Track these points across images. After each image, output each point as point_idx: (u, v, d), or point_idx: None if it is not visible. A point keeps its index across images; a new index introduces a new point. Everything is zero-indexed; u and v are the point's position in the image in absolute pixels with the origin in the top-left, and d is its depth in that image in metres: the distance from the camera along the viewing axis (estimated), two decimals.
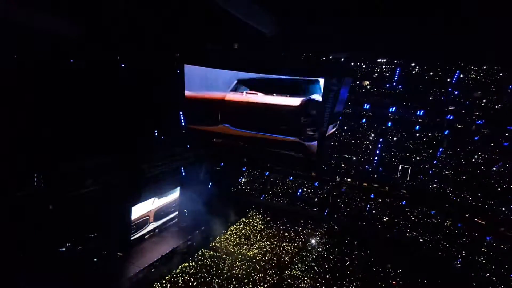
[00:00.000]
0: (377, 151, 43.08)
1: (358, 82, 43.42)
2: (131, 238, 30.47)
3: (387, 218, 38.85)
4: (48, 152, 26.45)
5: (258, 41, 24.53)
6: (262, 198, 44.53)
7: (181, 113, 36.35)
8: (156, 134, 41.18)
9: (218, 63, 22.74)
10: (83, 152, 28.36)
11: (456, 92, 38.67)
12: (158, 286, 25.13)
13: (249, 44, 26.38)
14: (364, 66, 42.88)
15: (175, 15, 21.53)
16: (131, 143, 33.08)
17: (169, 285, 25.34)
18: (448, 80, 38.79)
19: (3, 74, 25.30)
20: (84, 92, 30.30)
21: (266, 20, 18.34)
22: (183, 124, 36.45)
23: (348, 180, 43.53)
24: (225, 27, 22.32)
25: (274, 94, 22.19)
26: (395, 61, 40.98)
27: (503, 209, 32.14)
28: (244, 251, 31.78)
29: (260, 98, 22.56)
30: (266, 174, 47.14)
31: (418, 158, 41.05)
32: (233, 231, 35.86)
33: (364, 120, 44.58)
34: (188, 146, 40.27)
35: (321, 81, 21.12)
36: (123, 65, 35.53)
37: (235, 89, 22.87)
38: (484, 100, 37.35)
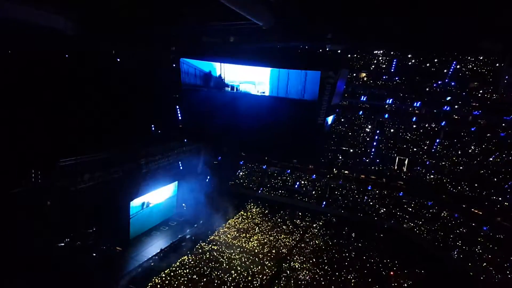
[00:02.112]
0: (374, 143, 43.20)
1: (354, 74, 43.41)
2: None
3: (384, 209, 39.05)
4: (45, 147, 26.34)
5: (254, 34, 24.41)
6: (260, 191, 44.62)
7: (177, 107, 36.31)
8: (153, 128, 41.10)
9: (214, 56, 22.71)
10: (80, 148, 28.27)
11: (452, 83, 38.71)
12: (158, 280, 25.21)
13: (245, 37, 26.20)
14: (360, 58, 42.86)
15: (171, 8, 21.37)
16: (128, 138, 33.00)
17: (168, 278, 25.43)
18: (445, 71, 38.84)
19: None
20: (80, 87, 30.14)
21: (262, 13, 18.21)
22: (180, 118, 36.40)
23: (346, 172, 43.69)
24: (220, 19, 22.18)
25: None
26: (392, 53, 40.97)
27: (500, 199, 32.34)
28: (242, 244, 31.91)
29: None
30: (264, 167, 47.20)
31: (415, 149, 41.21)
32: (232, 224, 36.00)
33: (361, 112, 44.62)
34: (185, 140, 40.23)
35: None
36: (118, 60, 35.31)
37: None
38: (481, 91, 37.43)
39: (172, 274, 26.10)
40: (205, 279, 25.64)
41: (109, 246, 28.39)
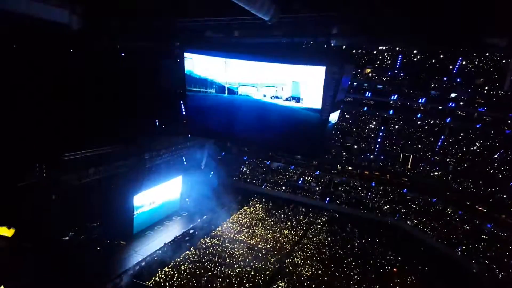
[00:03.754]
0: (379, 139, 43.06)
1: (359, 70, 43.22)
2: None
3: (388, 206, 38.96)
4: (50, 142, 26.46)
5: (258, 29, 24.26)
6: (263, 187, 44.66)
7: (181, 102, 36.29)
8: (157, 123, 41.14)
9: (218, 50, 22.57)
10: (85, 142, 28.38)
11: (458, 79, 38.45)
12: (161, 274, 25.34)
13: (249, 31, 26.05)
14: (365, 53, 42.65)
15: (175, 2, 21.28)
16: (132, 133, 33.07)
17: (172, 273, 25.56)
18: (450, 67, 38.59)
19: (3, 65, 25.19)
20: (84, 82, 30.20)
21: (267, 7, 18.08)
22: (184, 113, 36.41)
23: (349, 168, 43.61)
24: (225, 14, 22.06)
25: None
26: (397, 49, 40.73)
27: (504, 196, 32.20)
28: (246, 239, 31.99)
29: None
30: (267, 163, 47.21)
31: (419, 146, 41.05)
32: (235, 220, 36.08)
33: (365, 108, 44.46)
34: (189, 135, 40.26)
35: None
36: (123, 54, 35.30)
37: None
38: (487, 87, 37.16)
39: (175, 268, 26.22)
40: (208, 274, 25.75)
41: (113, 240, 28.51)
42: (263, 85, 22.02)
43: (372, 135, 43.94)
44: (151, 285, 24.03)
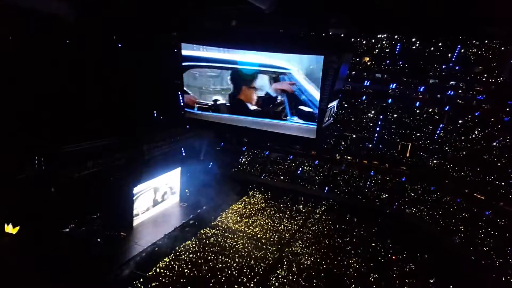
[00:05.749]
0: (377, 128, 43.02)
1: (358, 59, 42.97)
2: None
3: (386, 194, 39.09)
4: (49, 134, 26.40)
5: (256, 18, 24.10)
6: (262, 177, 44.71)
7: (179, 93, 36.13)
8: (155, 114, 41.02)
9: (215, 41, 22.43)
10: (83, 134, 28.32)
11: (457, 67, 38.30)
12: (162, 265, 25.47)
13: (247, 21, 25.88)
14: (364, 42, 42.37)
15: None
16: (130, 124, 32.97)
17: (173, 263, 25.69)
18: (449, 55, 38.41)
19: (1, 57, 25.04)
20: (81, 73, 30.01)
21: None
22: (181, 104, 36.28)
23: (348, 157, 43.65)
24: (222, 3, 21.89)
25: None
26: (396, 37, 40.49)
27: (503, 184, 32.30)
28: (245, 229, 32.11)
29: None
30: (266, 153, 47.22)
31: (418, 134, 41.06)
32: (235, 210, 36.15)
33: (364, 97, 44.32)
34: (187, 126, 40.20)
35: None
36: (120, 45, 35.04)
37: None
38: (485, 75, 37.05)
39: (176, 259, 26.34)
40: (209, 264, 25.88)
41: (113, 231, 28.58)
42: None
43: (371, 124, 43.87)
44: (152, 275, 24.16)
